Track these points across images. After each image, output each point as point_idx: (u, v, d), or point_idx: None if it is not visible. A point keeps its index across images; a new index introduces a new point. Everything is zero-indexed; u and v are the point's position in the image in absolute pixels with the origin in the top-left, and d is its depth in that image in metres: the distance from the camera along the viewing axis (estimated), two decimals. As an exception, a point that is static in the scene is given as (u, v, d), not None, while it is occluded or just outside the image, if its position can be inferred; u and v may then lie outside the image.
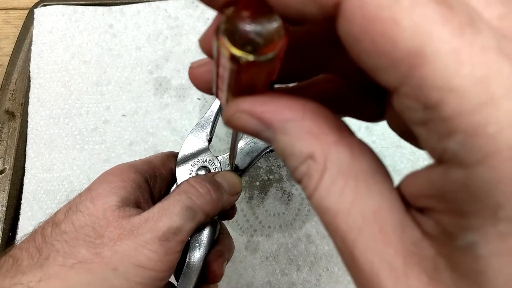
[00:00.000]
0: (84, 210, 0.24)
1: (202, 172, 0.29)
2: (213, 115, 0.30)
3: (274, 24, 0.12)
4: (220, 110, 0.30)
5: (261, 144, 0.32)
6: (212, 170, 0.30)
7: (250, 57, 0.12)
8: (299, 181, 0.14)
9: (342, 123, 0.14)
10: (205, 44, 0.16)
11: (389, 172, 0.14)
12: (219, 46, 0.12)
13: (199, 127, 0.30)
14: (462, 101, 0.10)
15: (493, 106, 0.09)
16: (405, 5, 0.10)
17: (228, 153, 0.30)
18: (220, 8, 0.13)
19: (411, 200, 0.13)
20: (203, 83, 0.16)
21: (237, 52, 0.12)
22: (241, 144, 0.31)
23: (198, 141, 0.30)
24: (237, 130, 0.15)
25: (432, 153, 0.11)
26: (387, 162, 0.46)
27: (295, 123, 0.13)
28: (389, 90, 0.11)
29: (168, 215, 0.24)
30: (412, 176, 0.13)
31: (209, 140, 0.30)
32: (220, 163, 0.30)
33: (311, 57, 0.16)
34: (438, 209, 0.12)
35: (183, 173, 0.29)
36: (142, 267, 0.22)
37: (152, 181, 0.28)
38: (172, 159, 0.30)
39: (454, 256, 0.11)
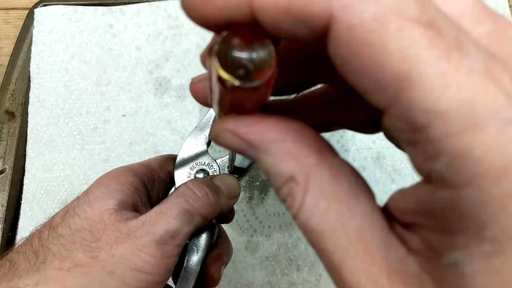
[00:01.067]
0: (81, 214, 0.24)
1: (201, 175, 0.29)
2: (212, 118, 0.30)
3: (266, 53, 0.12)
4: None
5: None
6: (210, 173, 0.29)
7: (236, 82, 0.12)
8: (283, 201, 0.14)
9: (324, 144, 0.15)
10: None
11: (370, 188, 0.14)
12: (210, 65, 0.13)
13: (198, 130, 0.30)
14: (448, 124, 0.10)
15: (479, 129, 0.10)
16: (393, 29, 0.10)
17: (227, 156, 0.30)
18: (216, 30, 0.13)
19: (398, 215, 0.13)
20: (203, 97, 0.17)
21: (224, 75, 0.12)
22: None
23: (197, 144, 0.30)
24: (223, 147, 0.16)
25: (419, 171, 0.12)
26: (387, 162, 0.46)
27: (277, 144, 0.14)
28: (378, 109, 0.11)
29: (165, 218, 0.24)
30: (400, 193, 0.13)
31: (208, 143, 0.30)
32: (218, 166, 0.30)
33: (306, 69, 0.16)
34: (425, 226, 0.12)
35: (181, 176, 0.29)
36: (139, 271, 0.22)
37: (150, 185, 0.28)
38: (170, 162, 0.30)
39: (439, 273, 0.12)
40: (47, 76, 0.50)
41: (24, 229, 0.45)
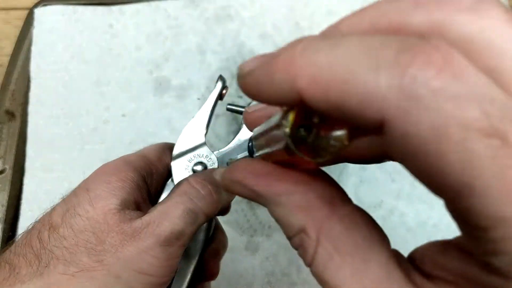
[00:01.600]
0: (83, 214, 0.23)
1: (199, 168, 0.28)
2: (210, 110, 0.30)
3: (340, 134, 0.12)
4: (216, 103, 0.30)
5: None
6: (209, 166, 0.29)
7: (306, 158, 0.12)
8: (295, 249, 0.14)
9: (336, 191, 0.14)
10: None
11: (385, 234, 0.14)
12: (282, 135, 0.12)
13: (195, 121, 0.30)
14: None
15: None
16: (453, 140, 0.09)
17: (225, 149, 0.30)
18: (278, 105, 0.13)
19: (427, 267, 0.13)
20: (254, 126, 0.18)
21: (298, 153, 0.12)
22: (240, 141, 0.31)
23: (195, 135, 0.29)
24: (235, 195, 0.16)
25: (475, 253, 0.11)
26: (387, 162, 0.46)
27: (286, 197, 0.14)
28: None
29: (169, 218, 0.23)
30: (439, 245, 0.13)
31: (205, 134, 0.30)
32: (217, 158, 0.29)
33: (370, 147, 0.16)
34: (455, 284, 0.12)
35: (179, 168, 0.28)
36: (144, 274, 0.22)
37: (149, 179, 0.27)
38: (167, 153, 0.29)
39: None
40: (47, 76, 0.50)
41: (24, 229, 0.45)
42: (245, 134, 0.31)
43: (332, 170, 0.46)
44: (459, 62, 0.10)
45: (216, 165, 0.29)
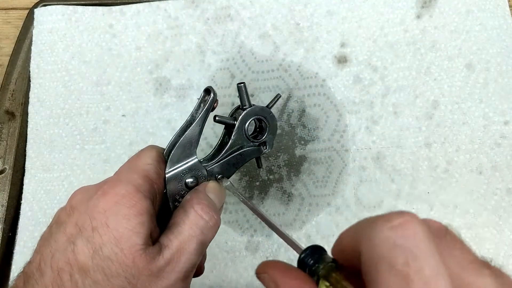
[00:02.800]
0: (113, 257, 0.23)
1: (191, 180, 0.30)
2: (201, 124, 0.30)
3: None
4: (207, 117, 0.30)
5: (247, 157, 0.33)
6: (199, 180, 0.30)
7: None
8: None
9: None
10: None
11: None
12: None
13: (187, 137, 0.30)
14: None
15: None
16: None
17: (211, 152, 0.32)
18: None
19: None
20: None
21: None
22: (222, 146, 0.33)
23: (186, 149, 0.30)
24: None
25: None
26: (387, 162, 0.46)
27: None
28: None
29: (186, 253, 0.25)
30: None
31: (196, 148, 0.30)
32: (207, 172, 0.31)
33: None
34: None
35: (173, 182, 0.29)
36: None
37: (154, 200, 0.28)
38: (163, 166, 0.29)
39: None
40: (47, 76, 0.50)
41: (24, 229, 0.45)
42: (228, 135, 0.33)
43: (332, 170, 0.46)
44: None
45: (206, 178, 0.31)
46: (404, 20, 0.50)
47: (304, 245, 0.22)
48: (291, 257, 0.43)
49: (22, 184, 0.46)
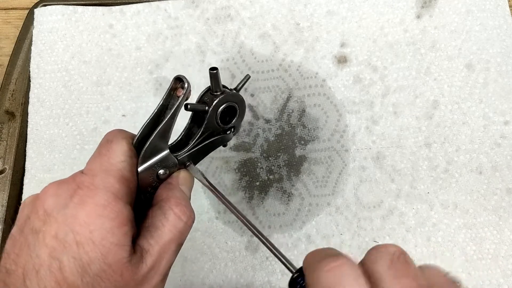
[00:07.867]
0: (102, 274, 0.23)
1: (162, 172, 0.29)
2: (174, 117, 0.29)
3: None
4: (180, 108, 0.30)
5: (217, 143, 0.33)
6: (170, 170, 0.30)
7: None
8: None
9: None
10: None
11: None
12: None
13: (160, 132, 0.29)
14: None
15: None
16: None
17: (179, 136, 0.32)
18: None
19: None
20: None
21: None
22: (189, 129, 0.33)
23: (158, 143, 0.29)
24: None
25: None
26: (387, 162, 0.46)
27: None
28: None
29: (167, 256, 0.26)
30: None
31: (168, 141, 0.30)
32: (177, 161, 0.30)
33: None
34: None
35: (145, 176, 0.28)
36: None
37: (132, 202, 0.27)
38: (135, 161, 0.28)
39: None
40: (47, 76, 0.50)
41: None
42: (196, 120, 0.33)
43: (332, 170, 0.46)
44: None
45: (176, 166, 0.30)
46: (404, 20, 0.50)
47: (304, 245, 0.23)
48: (291, 257, 0.43)
49: (22, 184, 0.46)
